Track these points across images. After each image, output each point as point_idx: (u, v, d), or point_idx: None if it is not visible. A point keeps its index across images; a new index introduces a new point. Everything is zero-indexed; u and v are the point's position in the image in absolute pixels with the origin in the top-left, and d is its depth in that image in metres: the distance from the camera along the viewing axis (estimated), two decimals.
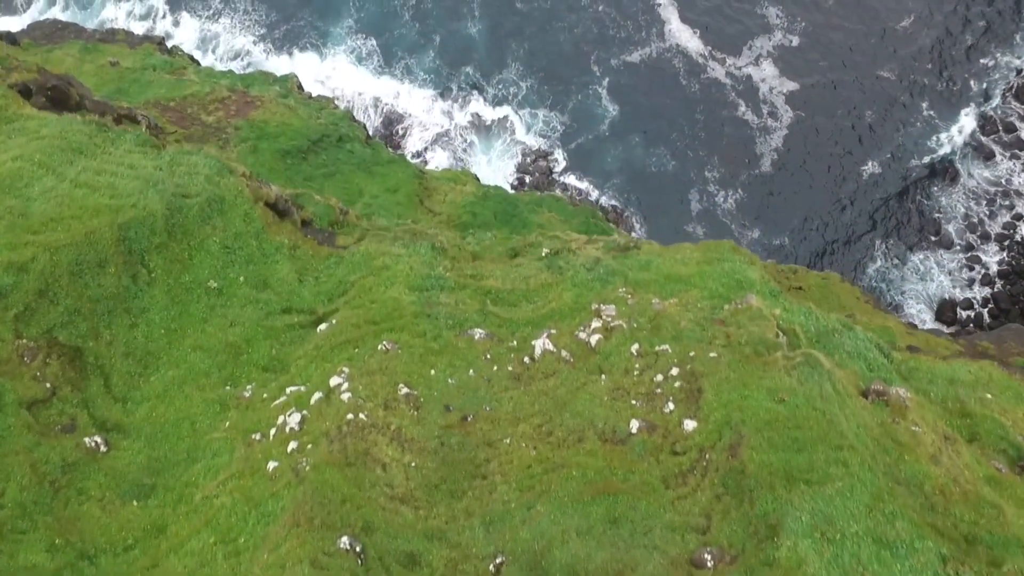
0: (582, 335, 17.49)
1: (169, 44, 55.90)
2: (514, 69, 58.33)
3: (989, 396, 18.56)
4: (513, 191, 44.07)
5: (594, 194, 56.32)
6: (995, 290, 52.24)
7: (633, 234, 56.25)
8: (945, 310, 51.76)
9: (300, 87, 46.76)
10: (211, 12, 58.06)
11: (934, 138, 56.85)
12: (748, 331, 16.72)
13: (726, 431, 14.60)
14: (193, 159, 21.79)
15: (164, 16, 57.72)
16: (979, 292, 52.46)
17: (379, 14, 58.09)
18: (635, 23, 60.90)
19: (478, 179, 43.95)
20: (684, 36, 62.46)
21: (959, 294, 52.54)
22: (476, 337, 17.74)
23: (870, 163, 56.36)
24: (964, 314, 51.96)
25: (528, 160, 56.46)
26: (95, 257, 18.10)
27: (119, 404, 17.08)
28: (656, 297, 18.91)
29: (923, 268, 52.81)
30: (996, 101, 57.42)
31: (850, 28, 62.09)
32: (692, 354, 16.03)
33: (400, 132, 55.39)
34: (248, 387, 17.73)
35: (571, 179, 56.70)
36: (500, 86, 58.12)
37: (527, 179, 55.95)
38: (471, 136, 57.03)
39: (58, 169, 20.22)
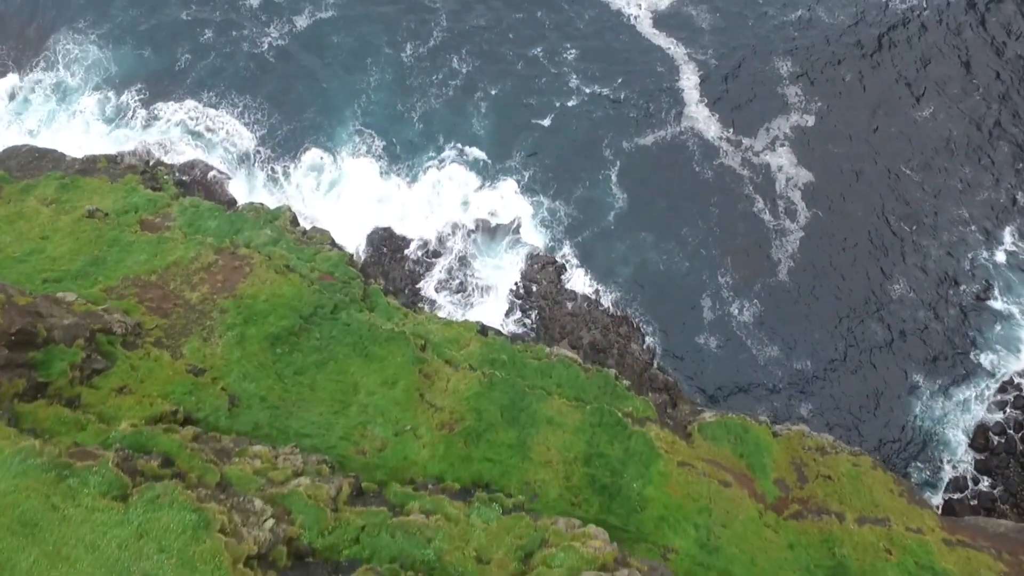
0: None
1: (156, 145, 53.29)
2: (521, 160, 55.20)
3: None
4: (518, 345, 41.18)
5: (604, 300, 53.68)
6: None
7: (647, 340, 53.92)
8: (978, 436, 49.31)
9: (294, 220, 44.02)
10: (202, 105, 55.23)
11: (965, 249, 53.82)
12: None
13: None
14: (164, 519, 19.30)
15: (134, 114, 54.97)
16: (1012, 415, 49.96)
17: (384, 116, 55.11)
18: (656, 104, 57.38)
19: (482, 329, 41.45)
20: (702, 118, 59.26)
21: (991, 417, 50.02)
22: None
23: (896, 274, 53.45)
24: (996, 439, 49.55)
25: (535, 267, 53.70)
26: None
27: None
28: None
29: (954, 390, 50.17)
30: None
31: (869, 113, 58.86)
32: None
33: (402, 239, 52.51)
34: None
35: (579, 283, 53.93)
36: (506, 177, 55.01)
37: (534, 287, 53.28)
38: (476, 237, 54.21)
39: (8, 563, 17.76)
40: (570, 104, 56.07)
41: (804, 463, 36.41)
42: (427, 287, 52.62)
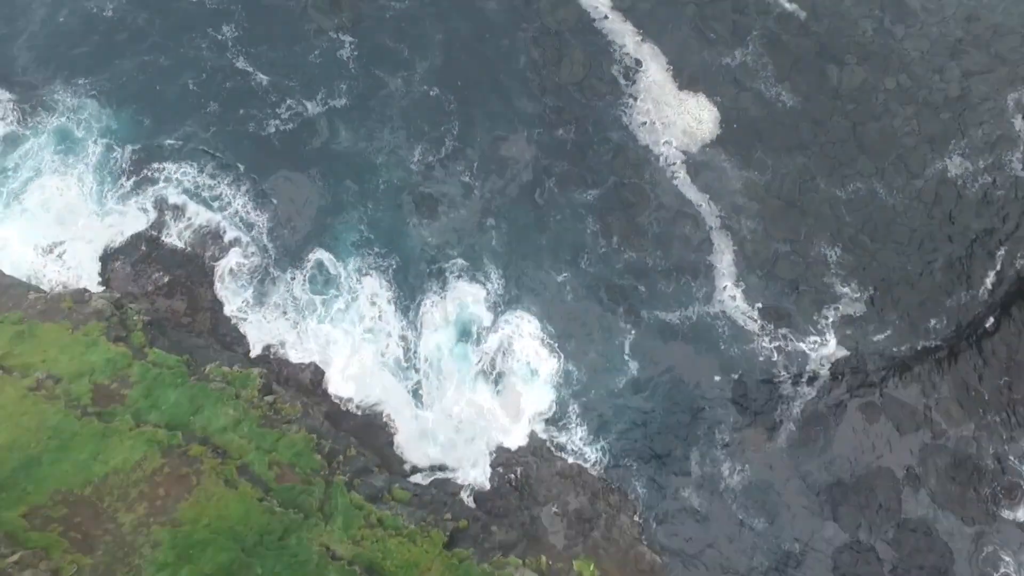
0: None
1: (146, 226, 51.10)
2: (524, 306, 51.17)
3: None
4: (485, 565, 37.99)
5: (595, 459, 50.13)
6: None
7: (638, 509, 50.84)
8: None
9: (264, 387, 40.83)
10: (199, 183, 52.76)
11: (989, 439, 49.38)
12: None
13: None
14: None
15: (125, 184, 52.85)
16: None
17: (390, 228, 51.65)
18: (684, 279, 52.10)
19: (449, 540, 38.44)
20: (735, 304, 52.86)
21: None
22: None
23: (909, 459, 49.27)
24: None
25: (528, 422, 50.39)
26: None
27: None
28: None
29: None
30: None
31: (918, 301, 53.65)
32: None
33: (395, 391, 49.19)
34: None
35: (571, 438, 50.31)
36: (509, 321, 51.00)
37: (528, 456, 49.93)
38: (466, 384, 50.75)
39: None
40: (585, 252, 52.19)
41: None
42: None
